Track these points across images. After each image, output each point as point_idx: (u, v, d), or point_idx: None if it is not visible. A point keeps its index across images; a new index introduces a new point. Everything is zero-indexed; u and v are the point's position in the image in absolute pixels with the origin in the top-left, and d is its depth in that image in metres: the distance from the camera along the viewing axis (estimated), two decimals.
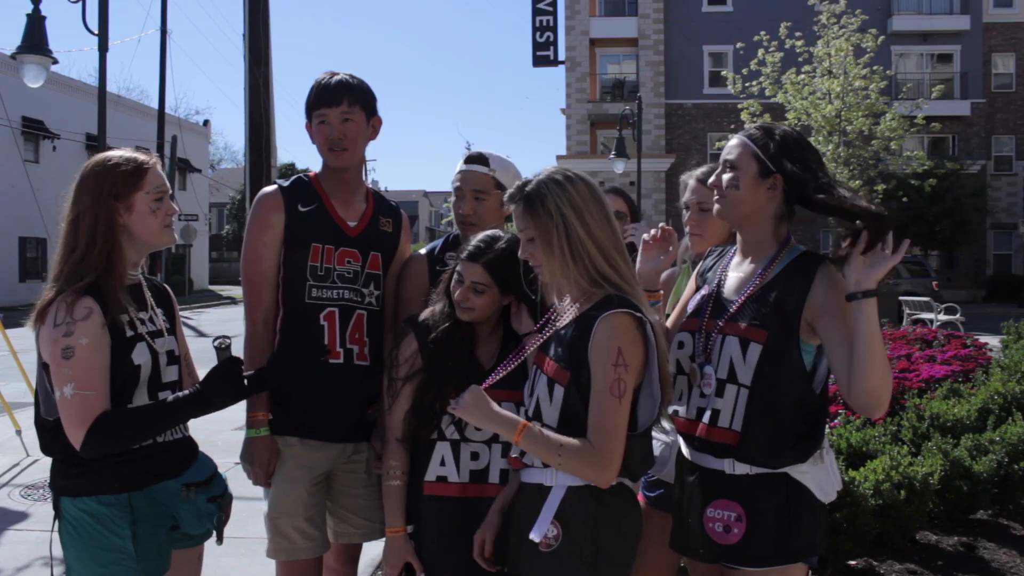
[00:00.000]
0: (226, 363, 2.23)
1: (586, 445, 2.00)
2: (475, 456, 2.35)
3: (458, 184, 2.81)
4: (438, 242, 2.95)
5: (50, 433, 2.19)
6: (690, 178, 2.81)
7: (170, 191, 2.34)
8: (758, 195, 2.20)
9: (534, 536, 2.04)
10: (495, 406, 2.10)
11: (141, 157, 2.29)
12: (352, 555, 2.89)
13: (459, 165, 2.83)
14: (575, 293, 2.15)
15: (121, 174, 2.23)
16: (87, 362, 2.11)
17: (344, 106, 2.66)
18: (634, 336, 2.03)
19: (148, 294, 2.35)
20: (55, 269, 2.21)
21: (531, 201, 2.10)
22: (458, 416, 2.12)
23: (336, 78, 2.69)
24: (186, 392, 2.24)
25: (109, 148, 2.38)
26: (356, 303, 2.71)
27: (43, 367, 2.18)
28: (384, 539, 2.46)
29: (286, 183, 2.77)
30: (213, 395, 2.20)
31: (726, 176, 2.23)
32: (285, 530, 2.64)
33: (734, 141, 2.27)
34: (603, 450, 1.99)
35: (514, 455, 2.16)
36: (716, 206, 2.27)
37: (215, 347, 2.26)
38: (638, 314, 2.04)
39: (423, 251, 2.91)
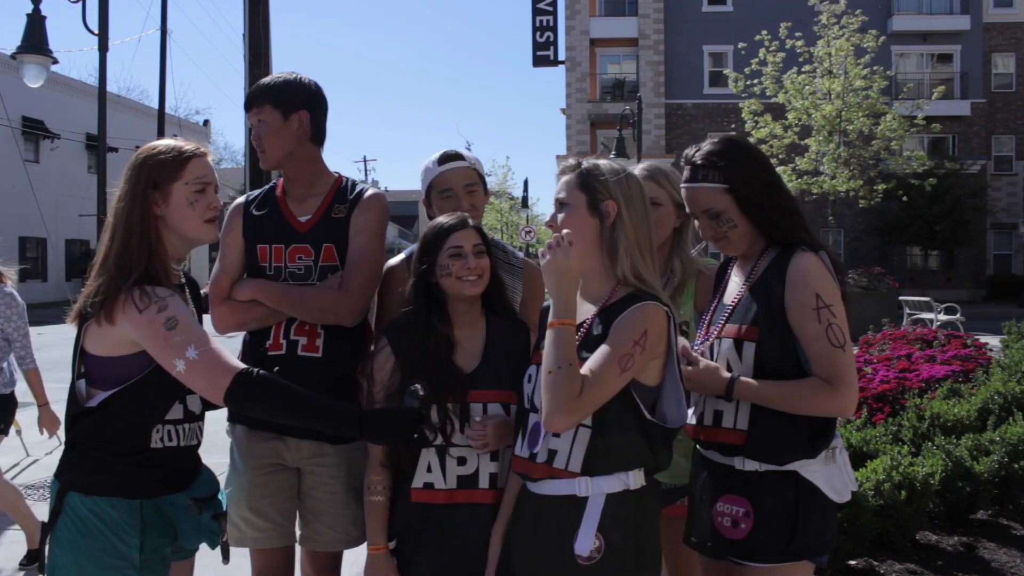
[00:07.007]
0: (410, 414, 2.12)
1: (569, 378, 1.88)
2: (462, 461, 2.26)
3: (447, 185, 2.73)
4: (412, 247, 2.88)
5: (83, 423, 2.12)
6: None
7: (216, 184, 2.24)
8: (748, 220, 2.24)
9: (579, 551, 1.96)
10: (499, 418, 2.09)
11: (186, 147, 2.21)
12: (327, 564, 2.77)
13: (433, 168, 2.75)
14: (594, 285, 2.12)
15: (160, 163, 2.17)
16: (194, 325, 2.07)
17: (255, 109, 2.68)
18: (662, 328, 2.00)
19: (189, 296, 2.28)
20: (99, 257, 2.16)
21: (585, 174, 2.11)
22: (487, 451, 2.08)
23: (259, 81, 2.70)
24: (348, 406, 2.17)
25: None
26: None
27: (82, 357, 2.13)
28: (350, 551, 2.41)
29: (255, 192, 2.85)
30: (370, 431, 2.11)
31: (715, 222, 2.24)
32: (231, 517, 2.62)
33: (695, 194, 2.25)
34: (586, 395, 1.89)
35: (540, 461, 2.03)
36: (721, 249, 2.30)
37: (410, 390, 2.14)
38: (671, 311, 2.03)
39: (402, 257, 2.84)
